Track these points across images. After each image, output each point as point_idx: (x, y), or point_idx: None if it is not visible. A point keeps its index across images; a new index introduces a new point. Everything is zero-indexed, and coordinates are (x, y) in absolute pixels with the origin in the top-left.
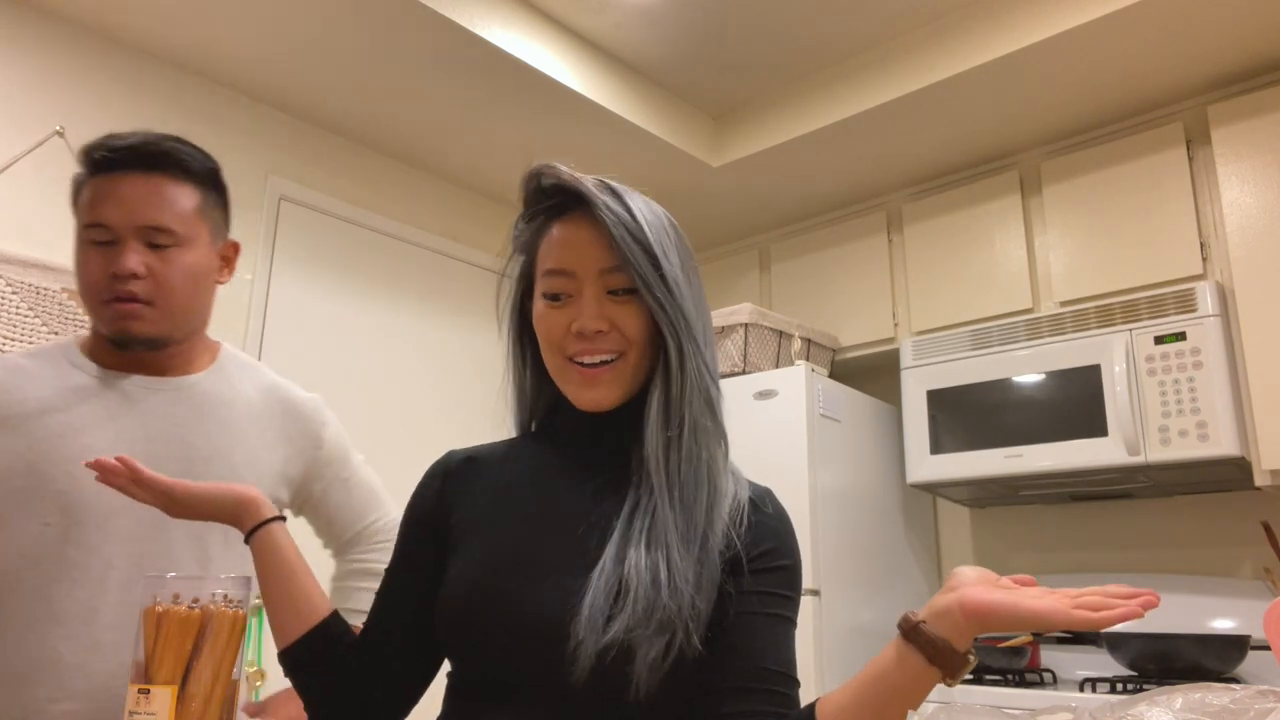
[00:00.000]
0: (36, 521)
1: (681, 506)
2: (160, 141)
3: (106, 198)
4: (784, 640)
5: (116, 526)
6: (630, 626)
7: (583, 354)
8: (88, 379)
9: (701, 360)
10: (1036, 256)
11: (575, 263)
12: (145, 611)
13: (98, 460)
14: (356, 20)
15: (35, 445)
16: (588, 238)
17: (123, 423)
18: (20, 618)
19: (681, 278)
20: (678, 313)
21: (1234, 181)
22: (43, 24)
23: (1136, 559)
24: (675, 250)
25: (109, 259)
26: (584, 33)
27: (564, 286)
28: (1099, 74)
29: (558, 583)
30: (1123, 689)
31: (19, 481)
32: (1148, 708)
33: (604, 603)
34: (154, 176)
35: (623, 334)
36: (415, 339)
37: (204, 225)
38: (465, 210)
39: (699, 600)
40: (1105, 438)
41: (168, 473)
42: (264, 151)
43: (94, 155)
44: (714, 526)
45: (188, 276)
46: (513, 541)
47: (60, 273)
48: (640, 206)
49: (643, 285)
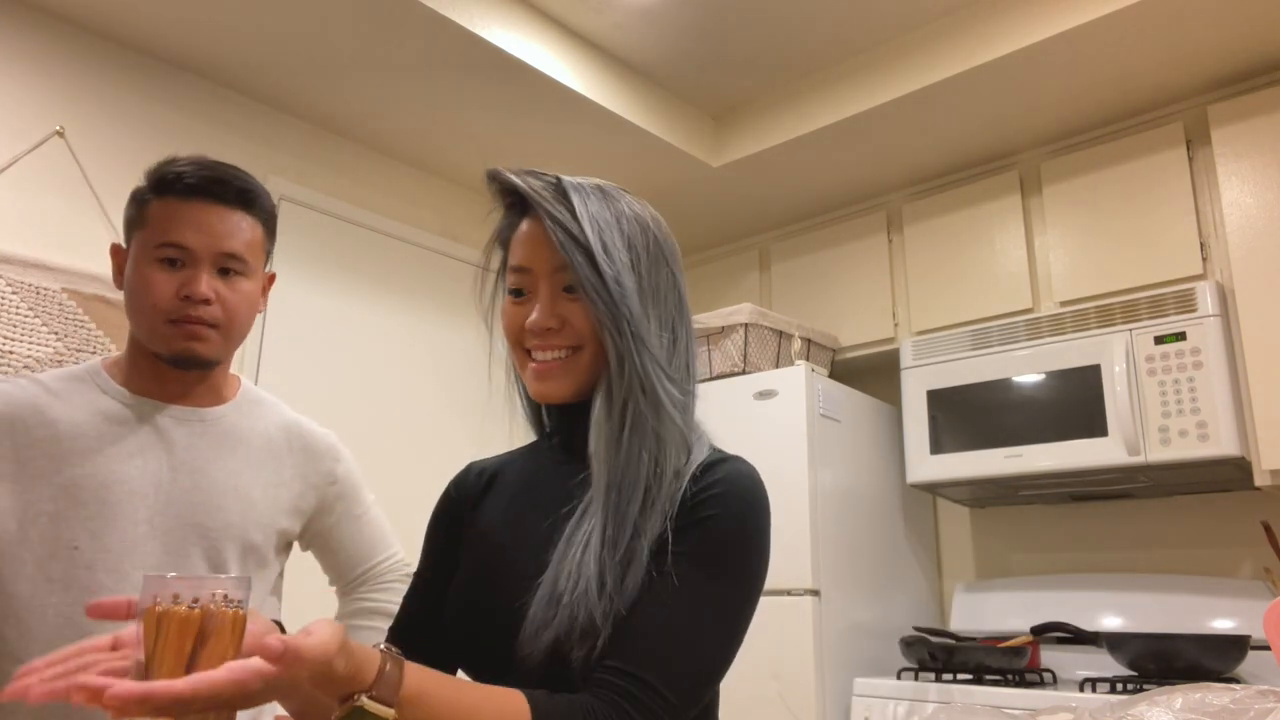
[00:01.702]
0: (65, 546)
1: (615, 508)
2: (238, 176)
3: (186, 222)
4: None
5: (144, 553)
6: (558, 635)
7: (536, 349)
8: (118, 406)
9: (645, 359)
10: (1036, 256)
11: (532, 260)
12: (145, 612)
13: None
14: (356, 20)
15: (66, 470)
16: (543, 236)
17: (150, 453)
18: (49, 642)
19: (628, 276)
20: (616, 311)
21: (1234, 181)
22: (43, 24)
23: (1136, 559)
24: (626, 249)
25: (179, 280)
26: (584, 33)
27: (523, 283)
28: (1099, 74)
29: (520, 587)
30: (1123, 689)
31: (48, 506)
32: (1148, 708)
33: (543, 611)
34: (230, 208)
35: (575, 330)
36: (415, 338)
37: (261, 257)
38: (465, 210)
39: (620, 603)
40: (1105, 438)
41: (186, 503)
42: (264, 151)
43: (168, 176)
44: (645, 526)
45: (249, 304)
46: (497, 549)
47: (60, 273)
48: (589, 207)
49: (579, 283)
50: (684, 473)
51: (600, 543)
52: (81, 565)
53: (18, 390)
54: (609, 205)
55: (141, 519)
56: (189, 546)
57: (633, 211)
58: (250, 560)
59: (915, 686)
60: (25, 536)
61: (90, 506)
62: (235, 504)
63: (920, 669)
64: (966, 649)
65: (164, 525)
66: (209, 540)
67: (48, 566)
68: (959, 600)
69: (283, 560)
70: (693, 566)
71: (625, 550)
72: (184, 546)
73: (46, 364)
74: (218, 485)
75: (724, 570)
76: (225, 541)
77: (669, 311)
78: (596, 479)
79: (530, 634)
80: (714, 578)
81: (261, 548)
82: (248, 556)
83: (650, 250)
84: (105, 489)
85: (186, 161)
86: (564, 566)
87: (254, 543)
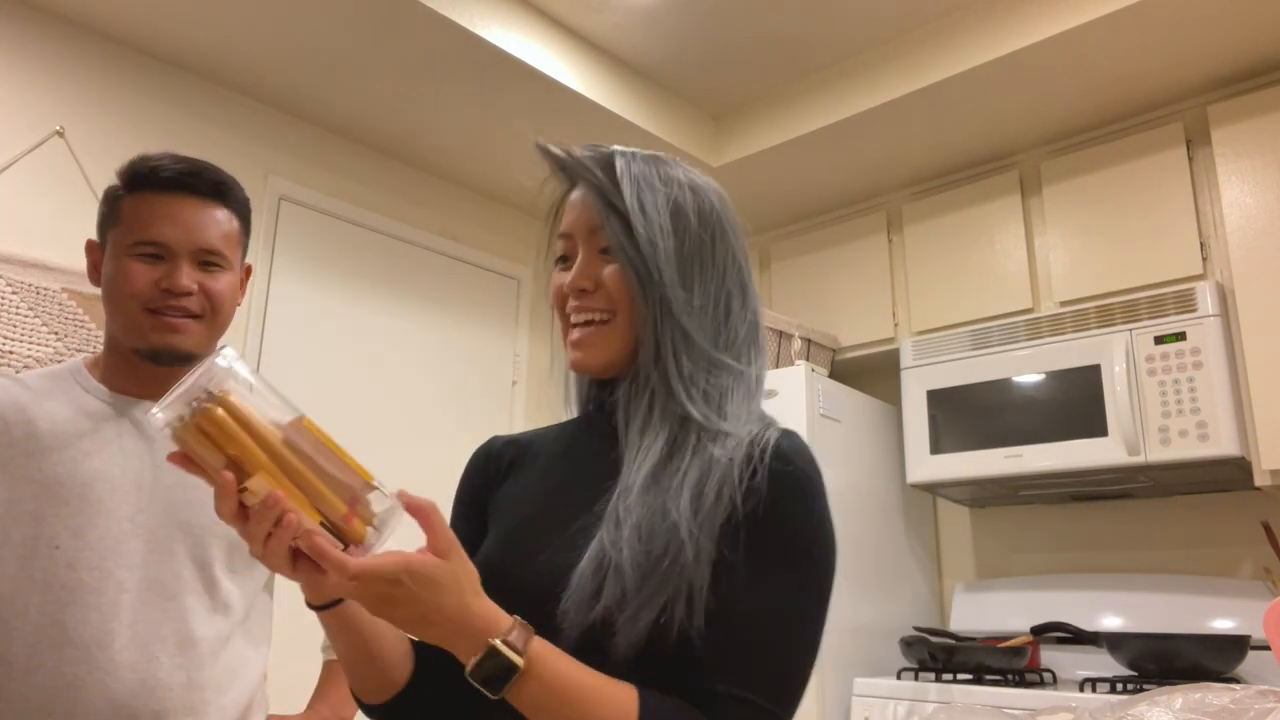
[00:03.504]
0: (46, 545)
1: (653, 480)
2: (211, 170)
3: (162, 217)
4: (766, 622)
5: (127, 551)
6: (609, 607)
7: (572, 312)
8: (99, 404)
9: (669, 328)
10: (1036, 256)
11: (572, 224)
12: (173, 456)
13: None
14: (356, 20)
15: (46, 468)
16: (583, 201)
17: (131, 450)
18: (32, 642)
19: (666, 239)
20: (646, 272)
21: (1234, 181)
22: (43, 24)
23: (1136, 559)
24: (669, 213)
25: (158, 273)
26: (584, 33)
27: (567, 248)
28: (1099, 74)
29: (553, 556)
30: (1123, 689)
31: (29, 504)
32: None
33: (591, 581)
34: (205, 202)
35: (608, 294)
36: (415, 338)
37: (239, 250)
38: (465, 210)
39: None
40: (1105, 438)
41: (170, 501)
42: (264, 151)
43: (141, 171)
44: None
45: (231, 293)
46: (529, 517)
47: (60, 273)
48: (632, 169)
49: (612, 242)
50: (734, 454)
51: (627, 517)
52: (63, 564)
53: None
54: (656, 169)
55: (124, 516)
56: (173, 544)
57: (687, 179)
58: (237, 557)
59: (915, 686)
60: (7, 536)
61: (71, 504)
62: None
63: (920, 669)
64: (966, 649)
65: (147, 523)
66: (193, 537)
67: (29, 566)
68: (959, 600)
69: None
70: (774, 562)
71: (665, 532)
72: (168, 544)
73: (47, 364)
74: (202, 482)
75: (805, 563)
76: (210, 539)
77: (722, 283)
78: (628, 456)
79: (575, 604)
80: (797, 572)
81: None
82: (234, 553)
83: (702, 217)
84: (86, 486)
85: (160, 156)
86: (609, 538)
87: (240, 540)
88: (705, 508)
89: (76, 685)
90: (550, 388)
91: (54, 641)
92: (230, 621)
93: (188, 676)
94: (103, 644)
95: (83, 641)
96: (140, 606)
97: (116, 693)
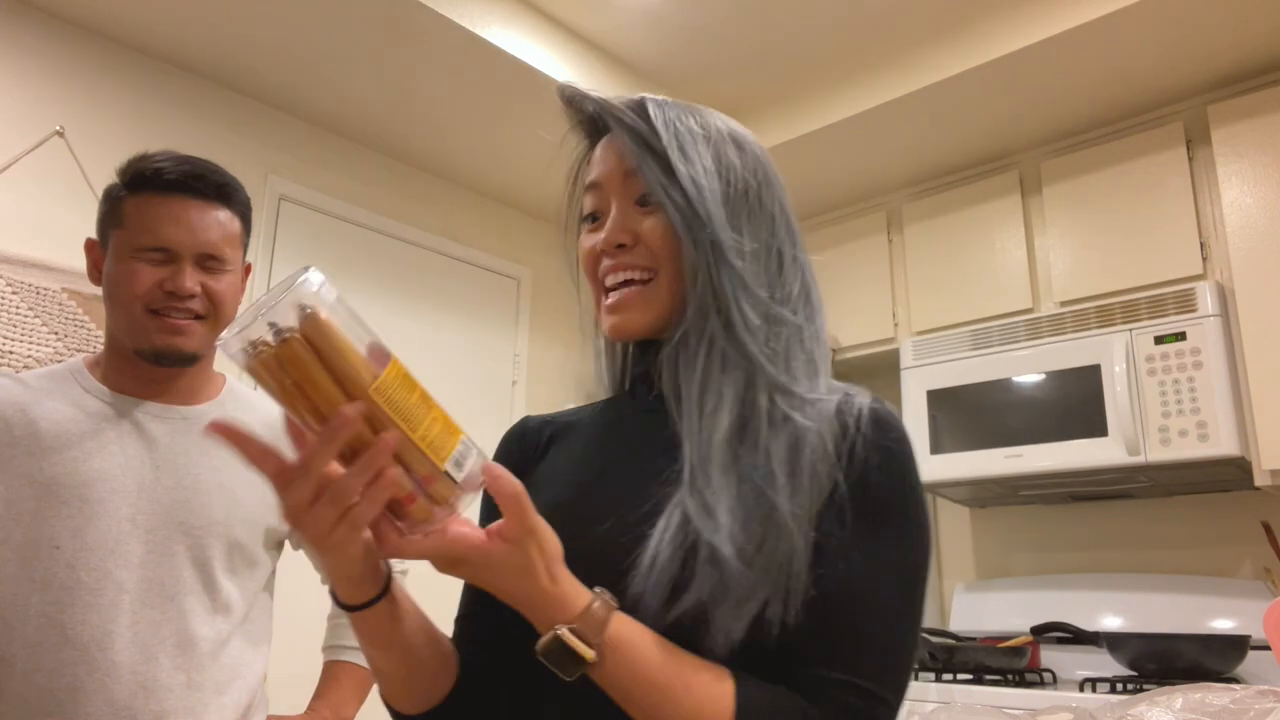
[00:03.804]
0: (46, 545)
1: (732, 455)
2: (214, 171)
3: (165, 219)
4: (873, 603)
5: (127, 551)
6: (703, 601)
7: (609, 273)
8: (99, 404)
9: (724, 274)
10: (1036, 256)
11: (603, 173)
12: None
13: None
14: (356, 20)
15: (47, 468)
16: (614, 148)
17: (131, 450)
18: (32, 643)
19: (711, 180)
20: (693, 215)
21: (1234, 181)
22: (43, 24)
23: (1137, 559)
24: (711, 156)
25: (161, 274)
26: (584, 33)
27: (597, 203)
28: (1099, 74)
29: (612, 531)
30: (1123, 689)
31: (29, 504)
32: (1148, 708)
33: (676, 569)
34: (208, 203)
35: (649, 249)
36: (415, 339)
37: (240, 250)
38: (465, 210)
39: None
40: (1105, 438)
41: (170, 501)
42: (264, 151)
43: (145, 172)
44: (782, 477)
45: (233, 293)
46: (578, 490)
47: (60, 273)
48: (667, 113)
49: (651, 186)
50: (822, 423)
51: (732, 505)
52: (62, 564)
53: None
54: (694, 115)
55: (124, 516)
56: (173, 545)
57: (727, 127)
58: (237, 558)
59: (915, 686)
60: (7, 536)
61: (71, 505)
62: (220, 502)
63: (920, 669)
64: (966, 649)
65: (147, 523)
66: (193, 538)
67: (29, 566)
68: (959, 600)
69: (274, 558)
70: (879, 539)
71: (764, 517)
72: (168, 544)
73: (46, 364)
74: (202, 483)
75: (909, 539)
76: (210, 539)
77: (772, 232)
78: (687, 426)
79: (655, 594)
80: (900, 550)
81: (248, 546)
82: (234, 554)
83: (747, 163)
84: (86, 486)
85: (162, 157)
86: (697, 524)
87: (240, 540)
88: (803, 486)
89: (76, 686)
90: (550, 388)
91: (53, 642)
92: (230, 622)
93: (187, 677)
94: (102, 645)
95: (82, 642)
96: (140, 607)
97: (116, 693)
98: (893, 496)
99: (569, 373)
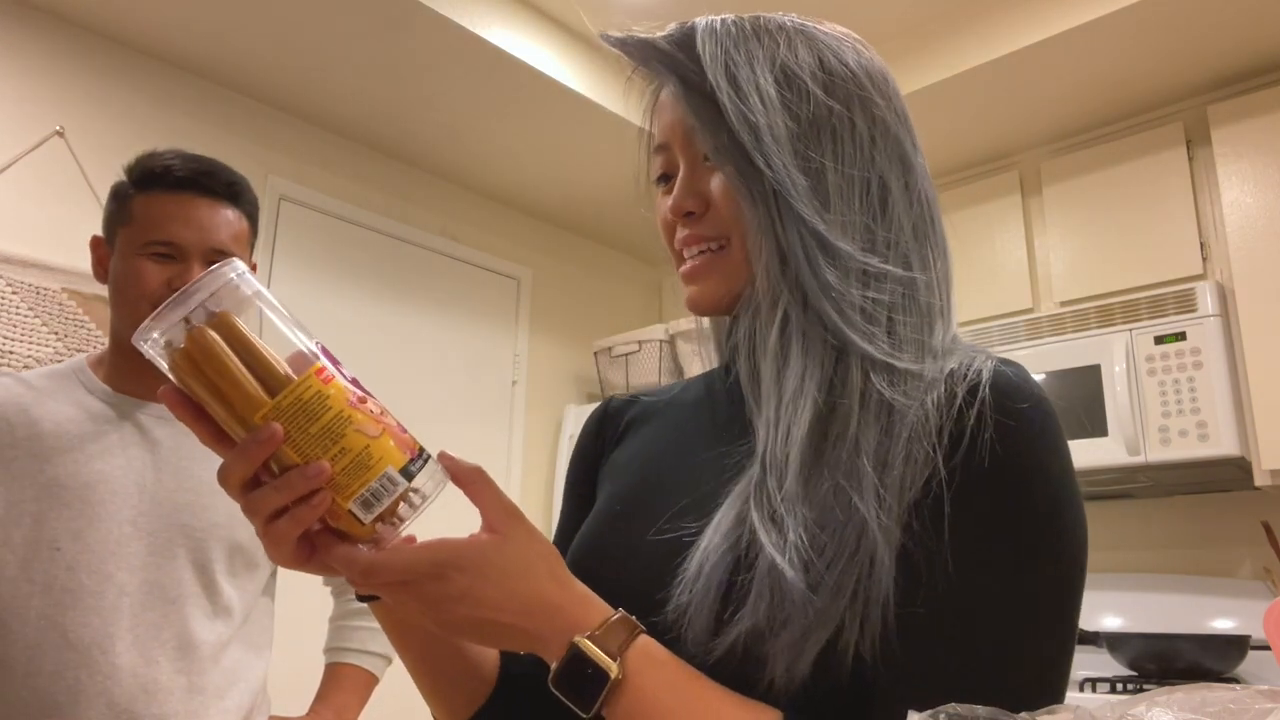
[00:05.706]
0: (47, 547)
1: (815, 455)
2: (223, 170)
3: (174, 217)
4: (996, 624)
5: (128, 554)
6: (759, 627)
7: (683, 244)
8: (102, 405)
9: (790, 231)
10: (1036, 256)
11: (666, 130)
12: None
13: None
14: (357, 20)
15: (49, 469)
16: (672, 98)
17: (133, 452)
18: (32, 645)
19: (775, 116)
20: (749, 166)
21: (1234, 181)
22: (43, 24)
23: (1136, 559)
24: (773, 82)
25: (169, 273)
26: (585, 33)
27: (667, 164)
28: (1099, 74)
29: (658, 541)
30: (1123, 689)
31: (31, 506)
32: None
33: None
34: (217, 202)
35: (720, 215)
36: (415, 339)
37: (247, 249)
38: (465, 210)
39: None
40: (1105, 438)
41: (171, 504)
42: (264, 151)
43: (155, 170)
44: (872, 478)
45: None
46: (632, 489)
47: (60, 273)
48: (717, 40)
49: (708, 141)
50: (926, 398)
51: (808, 523)
52: (63, 566)
53: (0, 389)
54: (753, 27)
55: (125, 519)
56: (174, 547)
57: (798, 28)
58: (238, 561)
59: None
60: (8, 537)
61: (73, 506)
62: (221, 504)
63: None
64: None
65: (148, 526)
66: (194, 540)
67: (30, 568)
68: None
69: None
70: (1002, 540)
71: (845, 528)
72: (169, 547)
73: (47, 364)
74: (203, 485)
75: (1046, 539)
76: (211, 542)
77: (870, 160)
78: (764, 414)
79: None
80: (1034, 554)
81: (249, 548)
82: (235, 557)
83: (830, 76)
84: (88, 488)
85: (171, 155)
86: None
87: (241, 543)
88: (894, 483)
89: (76, 689)
90: (550, 388)
91: (54, 645)
92: (231, 625)
93: (188, 680)
94: (103, 647)
95: (83, 645)
96: (140, 610)
97: (116, 696)
98: (1017, 482)
99: (569, 373)
